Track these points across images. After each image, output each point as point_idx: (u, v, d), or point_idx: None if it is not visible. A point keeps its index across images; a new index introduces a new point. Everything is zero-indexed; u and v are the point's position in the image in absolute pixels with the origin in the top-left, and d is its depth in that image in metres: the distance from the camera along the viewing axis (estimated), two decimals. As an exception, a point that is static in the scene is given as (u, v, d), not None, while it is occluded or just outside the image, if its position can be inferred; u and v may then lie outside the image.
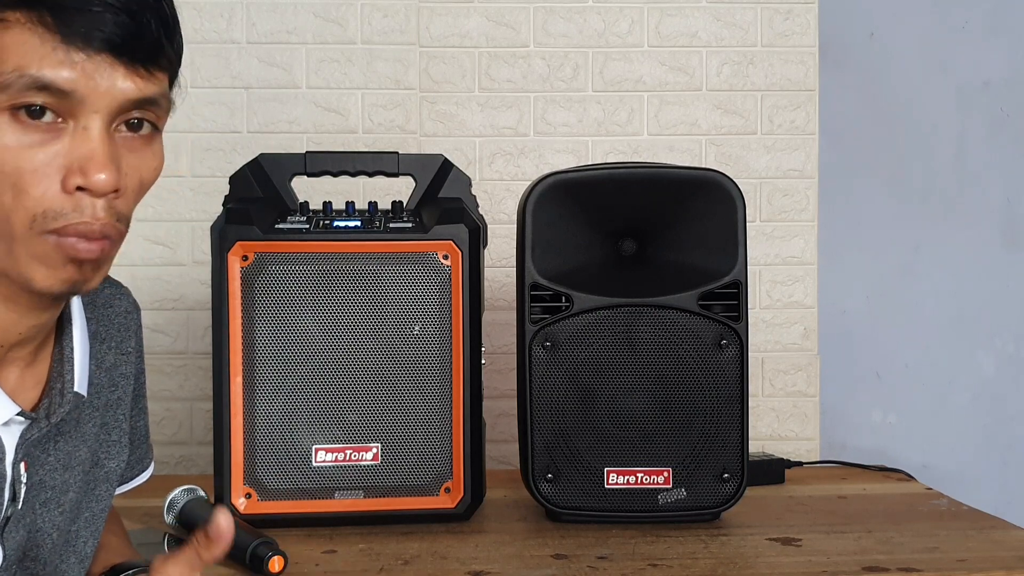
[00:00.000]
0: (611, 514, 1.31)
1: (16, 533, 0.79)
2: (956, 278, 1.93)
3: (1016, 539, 1.24)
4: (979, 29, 1.93)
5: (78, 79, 0.68)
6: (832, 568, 1.13)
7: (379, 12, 1.78)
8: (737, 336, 1.31)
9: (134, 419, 0.99)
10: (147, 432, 1.04)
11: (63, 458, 0.83)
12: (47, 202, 0.69)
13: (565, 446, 1.31)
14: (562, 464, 1.31)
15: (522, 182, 1.30)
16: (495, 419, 1.78)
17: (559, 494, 1.31)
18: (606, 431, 1.31)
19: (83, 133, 0.70)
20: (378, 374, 1.29)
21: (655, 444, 1.31)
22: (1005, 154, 1.94)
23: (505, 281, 1.79)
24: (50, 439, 0.81)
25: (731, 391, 1.31)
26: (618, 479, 1.31)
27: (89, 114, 0.70)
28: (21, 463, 0.77)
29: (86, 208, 0.70)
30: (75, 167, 0.69)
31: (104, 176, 0.69)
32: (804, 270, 1.85)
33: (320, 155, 1.39)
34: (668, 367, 1.31)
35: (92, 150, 0.69)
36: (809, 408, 1.84)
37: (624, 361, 1.31)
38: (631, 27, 1.82)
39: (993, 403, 1.93)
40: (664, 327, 1.31)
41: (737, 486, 1.31)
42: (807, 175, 1.84)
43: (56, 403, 0.79)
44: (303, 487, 1.28)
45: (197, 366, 1.74)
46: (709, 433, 1.31)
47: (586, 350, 1.31)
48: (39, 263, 0.71)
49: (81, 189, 0.70)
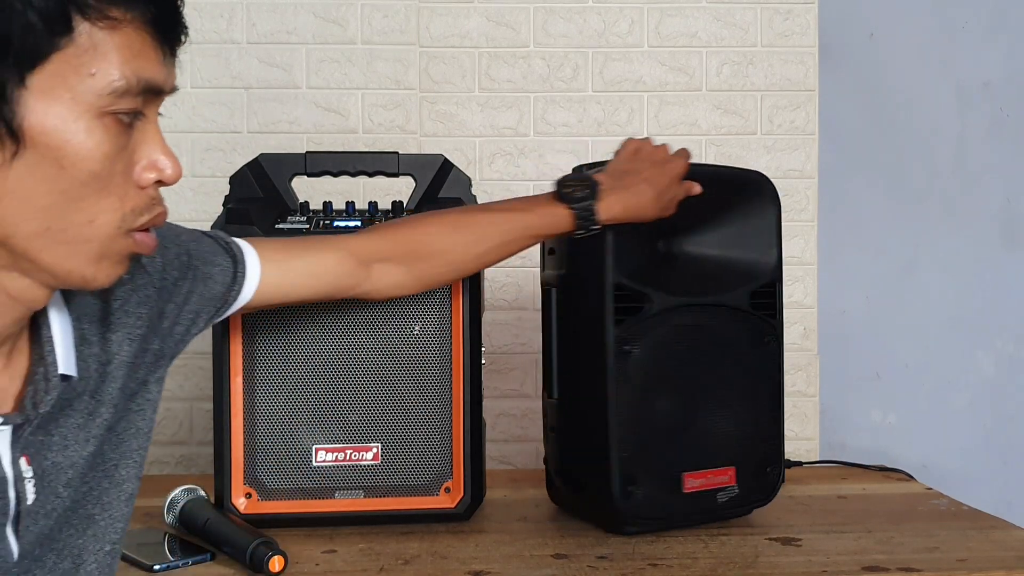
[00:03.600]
0: (687, 519, 1.28)
1: (34, 525, 0.77)
2: (956, 278, 1.93)
3: (1016, 539, 1.24)
4: (979, 29, 1.93)
5: (167, 76, 0.71)
6: (832, 568, 1.13)
7: (379, 12, 1.78)
8: (776, 332, 1.33)
9: (197, 280, 0.94)
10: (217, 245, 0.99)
11: (71, 432, 0.79)
12: (131, 201, 0.71)
13: (645, 454, 1.24)
14: (640, 472, 1.24)
15: (522, 182, 1.30)
16: (495, 419, 1.78)
17: (639, 505, 1.24)
18: (681, 435, 1.27)
19: (145, 127, 0.71)
20: (378, 374, 1.29)
21: (720, 444, 1.30)
22: (1005, 154, 1.94)
23: (505, 281, 1.80)
24: (51, 419, 0.77)
25: (773, 386, 1.33)
26: (695, 482, 1.27)
27: (152, 108, 0.72)
28: (22, 459, 0.75)
29: (157, 200, 0.73)
30: (148, 162, 0.71)
31: (176, 166, 0.72)
32: (804, 270, 1.85)
33: (320, 155, 1.39)
34: (728, 366, 1.30)
35: (161, 143, 0.72)
36: (809, 408, 1.85)
37: (693, 361, 1.28)
38: (631, 27, 1.83)
39: (993, 403, 1.93)
40: (724, 326, 1.30)
41: (777, 477, 1.33)
42: (807, 175, 1.85)
43: (41, 390, 0.75)
44: (303, 487, 1.28)
45: (197, 366, 1.74)
46: (758, 429, 1.32)
47: (663, 351, 1.26)
48: (107, 262, 0.72)
49: (157, 183, 0.72)
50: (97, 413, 0.81)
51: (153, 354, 0.89)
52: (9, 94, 0.64)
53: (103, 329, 0.82)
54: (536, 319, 1.78)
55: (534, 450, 1.79)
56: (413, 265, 1.14)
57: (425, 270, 1.15)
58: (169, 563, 1.15)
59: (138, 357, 0.86)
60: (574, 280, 1.30)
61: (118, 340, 0.83)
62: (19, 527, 0.76)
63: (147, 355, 0.88)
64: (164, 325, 0.90)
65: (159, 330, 0.90)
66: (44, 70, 0.65)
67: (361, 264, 1.11)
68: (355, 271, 1.11)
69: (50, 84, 0.65)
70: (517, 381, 1.81)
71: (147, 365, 0.88)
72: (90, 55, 0.66)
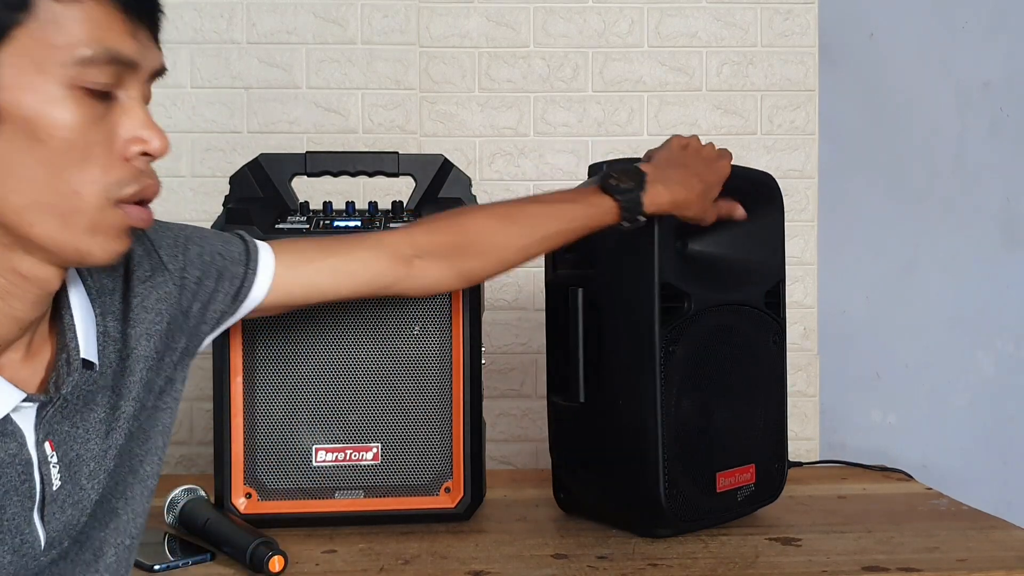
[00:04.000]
0: (717, 518, 1.28)
1: (62, 514, 0.78)
2: (956, 278, 1.93)
3: (1016, 539, 1.24)
4: (979, 29, 1.93)
5: (140, 51, 0.72)
6: (832, 568, 1.13)
7: (379, 12, 1.78)
8: (783, 331, 1.34)
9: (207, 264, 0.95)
10: (221, 248, 0.99)
11: (94, 426, 0.81)
12: (115, 172, 0.72)
13: (685, 455, 1.23)
14: (679, 474, 1.22)
15: (522, 182, 1.29)
16: (495, 419, 1.78)
17: (681, 507, 1.23)
18: (713, 434, 1.27)
19: (131, 102, 0.73)
20: (378, 374, 1.29)
21: (742, 442, 1.31)
22: (1005, 154, 1.94)
23: (505, 281, 1.80)
24: (75, 411, 0.79)
25: (780, 385, 1.34)
26: (726, 481, 1.28)
27: (136, 84, 0.73)
28: (46, 443, 0.77)
29: (145, 173, 0.74)
30: (132, 136, 0.73)
31: (162, 139, 0.74)
32: (804, 270, 1.85)
33: (320, 155, 1.39)
34: (747, 365, 1.31)
35: (144, 117, 0.73)
36: (809, 408, 1.85)
37: (720, 360, 1.27)
38: (631, 27, 1.83)
39: (993, 403, 1.93)
40: (747, 325, 1.30)
41: (783, 474, 1.35)
42: (807, 175, 1.85)
43: (63, 373, 0.78)
44: (303, 487, 1.28)
45: (197, 366, 1.72)
46: (770, 426, 1.34)
47: (699, 350, 1.24)
48: (102, 236, 0.73)
49: (143, 155, 0.73)
50: (119, 407, 0.83)
51: (180, 352, 0.91)
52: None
53: (123, 325, 0.84)
54: (536, 319, 1.79)
55: (534, 450, 1.79)
56: (457, 260, 1.12)
57: (469, 264, 1.13)
58: (169, 563, 1.15)
59: (161, 354, 0.88)
60: (609, 279, 1.25)
61: (136, 335, 0.85)
62: (44, 514, 0.77)
63: (174, 353, 0.90)
64: (191, 323, 0.92)
65: (185, 328, 0.91)
66: (9, 46, 0.67)
67: (400, 260, 1.09)
68: (392, 268, 1.09)
69: (17, 59, 0.67)
70: (517, 381, 1.81)
71: (174, 363, 0.90)
72: (52, 28, 0.68)
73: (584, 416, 1.29)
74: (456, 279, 1.14)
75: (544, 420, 1.39)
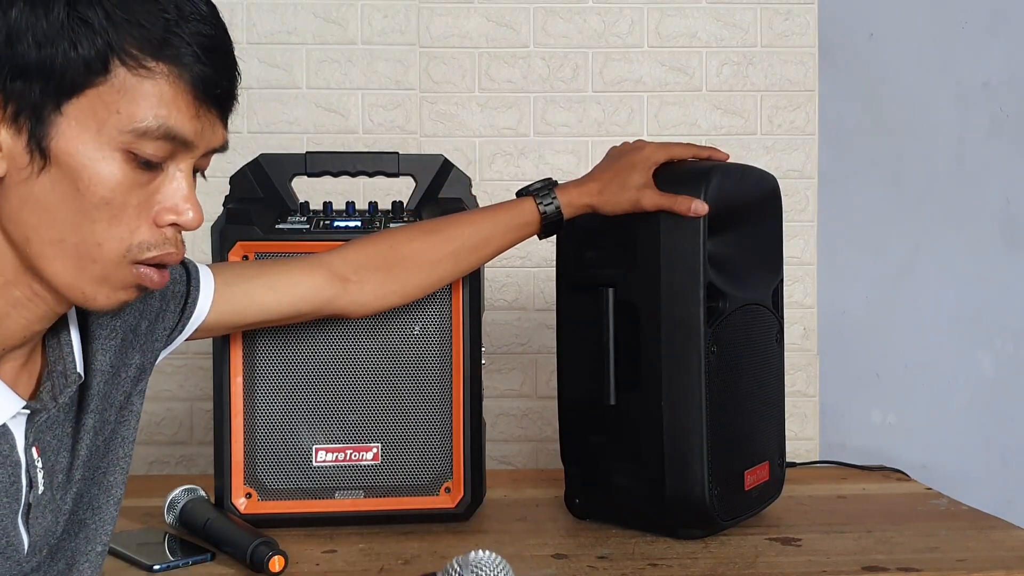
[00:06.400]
0: (746, 515, 1.29)
1: (43, 519, 0.82)
2: (956, 278, 1.93)
3: (1016, 539, 1.24)
4: (979, 29, 1.93)
5: (199, 131, 0.76)
6: (832, 568, 1.13)
7: (379, 12, 1.78)
8: (783, 330, 1.35)
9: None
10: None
11: (63, 438, 0.85)
12: (141, 235, 0.76)
13: (722, 455, 1.23)
14: (717, 474, 1.22)
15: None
16: (495, 419, 1.78)
17: (718, 506, 1.23)
18: (740, 434, 1.27)
19: (178, 173, 0.77)
20: (378, 374, 1.29)
21: (759, 440, 1.32)
22: (1005, 154, 1.94)
23: (505, 281, 1.80)
24: (58, 422, 0.83)
25: (780, 383, 1.36)
26: (751, 479, 1.29)
27: (186, 159, 0.77)
28: (33, 448, 0.80)
29: (171, 241, 0.78)
30: (169, 205, 0.77)
31: (195, 215, 0.78)
32: (803, 270, 1.85)
33: (320, 155, 1.39)
34: (760, 363, 1.31)
35: (186, 192, 0.77)
36: (808, 408, 1.85)
37: (743, 359, 1.28)
38: (631, 27, 1.83)
39: (993, 403, 1.93)
40: (761, 324, 1.31)
41: (784, 471, 1.37)
42: (807, 175, 1.85)
43: (59, 384, 0.82)
44: (303, 487, 1.28)
45: (197, 366, 1.74)
46: (777, 424, 1.35)
47: (730, 350, 1.24)
48: (109, 286, 0.77)
49: (174, 225, 0.77)
50: (82, 421, 0.86)
51: (136, 368, 0.94)
52: (45, 117, 0.72)
53: (83, 341, 0.88)
54: (536, 319, 1.79)
55: (534, 450, 1.79)
56: (390, 275, 1.18)
57: (403, 278, 1.19)
58: (169, 563, 1.15)
59: (117, 368, 0.91)
60: (646, 278, 1.22)
61: (93, 350, 0.88)
62: (28, 518, 0.80)
63: (129, 369, 0.93)
64: (140, 341, 0.95)
65: (136, 344, 0.94)
66: (78, 101, 0.72)
67: (336, 277, 1.15)
68: (329, 284, 1.15)
69: (81, 114, 0.72)
70: (517, 381, 1.81)
71: (130, 379, 0.93)
72: (120, 95, 0.72)
73: (615, 418, 1.26)
74: (392, 295, 1.19)
75: (544, 420, 1.39)
